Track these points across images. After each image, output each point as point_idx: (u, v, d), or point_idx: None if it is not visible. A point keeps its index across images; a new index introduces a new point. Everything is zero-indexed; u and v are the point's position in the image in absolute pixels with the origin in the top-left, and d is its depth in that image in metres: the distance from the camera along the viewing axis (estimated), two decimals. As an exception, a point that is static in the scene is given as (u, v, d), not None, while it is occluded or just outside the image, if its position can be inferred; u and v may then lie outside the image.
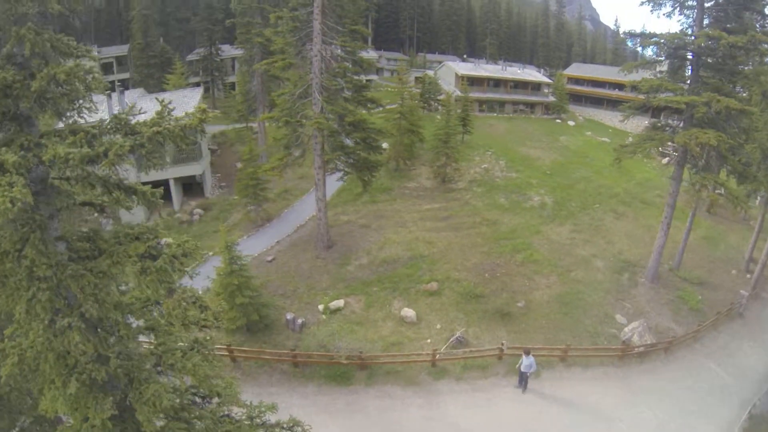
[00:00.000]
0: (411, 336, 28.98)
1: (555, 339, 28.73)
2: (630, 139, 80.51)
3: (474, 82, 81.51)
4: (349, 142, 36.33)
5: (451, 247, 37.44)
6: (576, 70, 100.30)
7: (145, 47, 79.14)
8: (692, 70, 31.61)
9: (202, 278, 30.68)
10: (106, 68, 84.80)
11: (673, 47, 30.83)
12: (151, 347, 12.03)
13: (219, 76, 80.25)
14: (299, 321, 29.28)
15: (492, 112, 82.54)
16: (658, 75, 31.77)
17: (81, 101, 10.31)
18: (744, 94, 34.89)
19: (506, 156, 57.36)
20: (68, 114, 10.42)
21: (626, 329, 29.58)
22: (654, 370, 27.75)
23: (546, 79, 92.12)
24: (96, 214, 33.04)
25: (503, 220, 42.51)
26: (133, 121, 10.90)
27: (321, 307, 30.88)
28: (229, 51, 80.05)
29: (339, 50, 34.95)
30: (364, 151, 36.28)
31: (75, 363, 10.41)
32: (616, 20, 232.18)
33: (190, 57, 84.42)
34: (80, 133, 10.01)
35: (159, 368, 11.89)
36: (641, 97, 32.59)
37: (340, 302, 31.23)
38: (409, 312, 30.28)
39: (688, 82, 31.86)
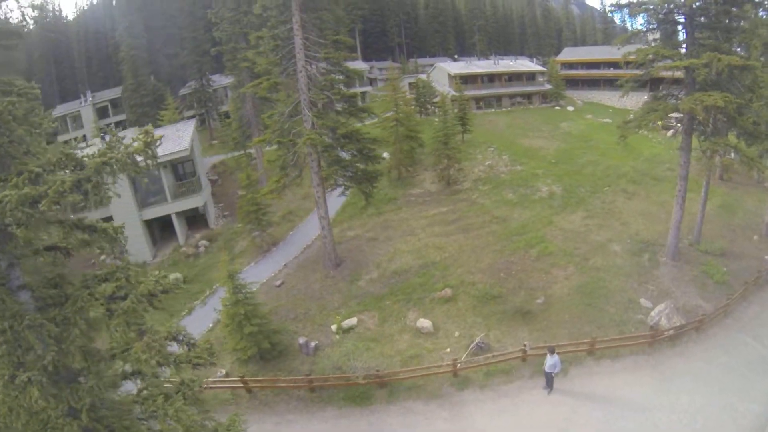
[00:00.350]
0: (429, 347, 27.79)
1: (580, 333, 27.36)
2: (632, 116, 79.87)
3: (468, 80, 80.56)
4: (345, 155, 35.37)
5: (463, 250, 36.25)
6: (568, 54, 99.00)
7: (137, 87, 79.69)
8: (687, 33, 30.31)
9: (210, 310, 30.34)
10: (102, 112, 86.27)
11: (664, 12, 29.61)
12: (134, 394, 11.15)
13: (213, 106, 79.88)
14: (312, 344, 28.19)
15: (489, 108, 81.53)
16: (652, 44, 30.43)
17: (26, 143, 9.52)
18: (742, 53, 33.40)
19: (509, 150, 56.16)
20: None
21: (653, 313, 28.20)
22: (687, 352, 26.26)
23: (539, 68, 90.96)
24: (102, 257, 30.60)
25: (513, 215, 41.26)
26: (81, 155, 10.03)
27: (334, 327, 29.80)
28: (220, 80, 79.97)
29: (324, 63, 34.03)
30: (362, 163, 35.34)
31: (48, 419, 9.65)
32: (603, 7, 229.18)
33: (183, 91, 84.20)
34: (24, 173, 9.15)
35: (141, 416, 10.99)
36: (638, 72, 31.23)
37: (353, 320, 30.20)
38: (425, 323, 29.08)
39: (684, 46, 30.57)
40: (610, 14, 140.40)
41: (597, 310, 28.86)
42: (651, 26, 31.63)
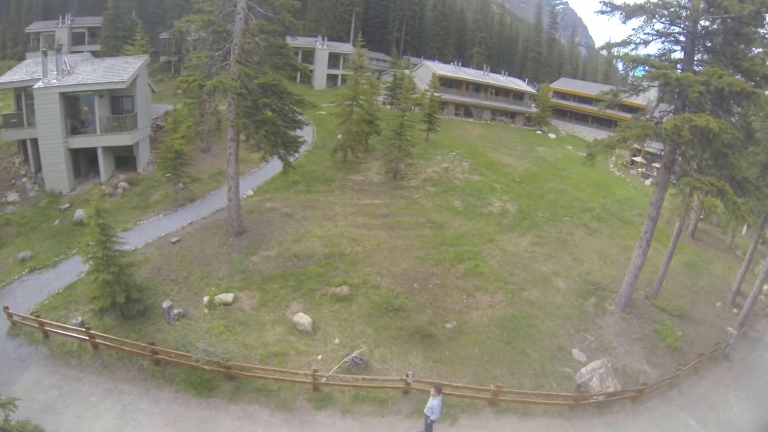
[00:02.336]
0: (300, 348, 21.95)
1: (487, 375, 21.33)
2: (613, 158, 75.21)
3: (452, 83, 74.69)
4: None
5: (380, 248, 29.98)
6: (563, 84, 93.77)
7: (114, 18, 73.69)
8: (685, 53, 24.92)
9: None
10: (79, 38, 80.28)
11: (662, 20, 24.18)
12: None
13: (186, 55, 73.00)
14: (175, 311, 23.25)
15: (469, 117, 75.50)
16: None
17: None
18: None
19: (473, 159, 50.05)
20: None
21: (584, 370, 22.20)
22: (615, 424, 20.40)
23: (529, 89, 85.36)
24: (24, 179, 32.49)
25: (452, 223, 35.08)
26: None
27: (206, 299, 24.45)
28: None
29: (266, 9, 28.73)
30: (281, 121, 29.04)
31: None
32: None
33: (163, 35, 77.73)
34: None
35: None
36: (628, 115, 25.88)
37: (229, 296, 24.71)
38: (303, 318, 23.15)
39: (680, 67, 24.79)
40: (600, 48, 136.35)
41: (516, 352, 22.82)
42: (647, 35, 25.63)
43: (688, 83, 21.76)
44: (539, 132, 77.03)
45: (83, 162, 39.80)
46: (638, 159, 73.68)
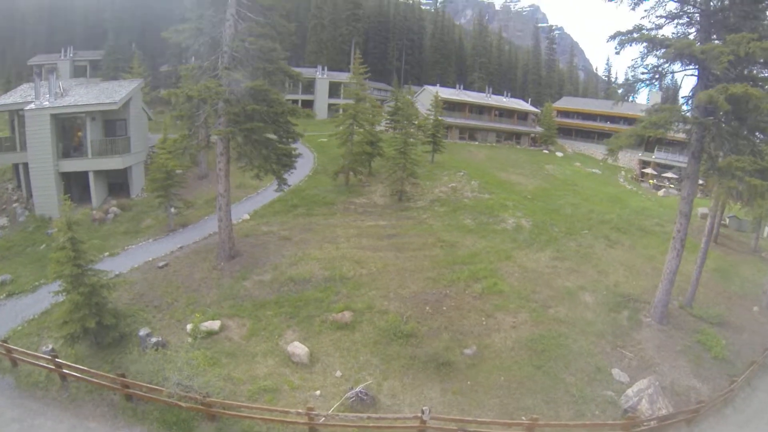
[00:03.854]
0: (295, 382, 18.49)
1: (517, 405, 17.74)
2: (623, 173, 72.06)
3: (455, 107, 72.25)
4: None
5: (386, 270, 26.68)
6: (566, 103, 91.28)
7: (114, 50, 73.55)
8: (701, 32, 21.92)
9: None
10: (81, 71, 79.38)
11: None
12: None
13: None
14: (153, 340, 20.01)
15: (473, 140, 72.73)
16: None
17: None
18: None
19: (481, 178, 47.02)
20: None
21: (630, 391, 18.54)
22: (672, 455, 16.68)
23: (533, 109, 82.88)
24: (15, 204, 33.97)
25: (464, 242, 31.76)
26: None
27: (189, 327, 21.23)
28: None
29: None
30: (272, 132, 26.39)
31: None
32: (608, 68, 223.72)
33: (163, 68, 76.61)
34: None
35: None
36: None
37: (216, 324, 21.63)
38: (299, 348, 19.76)
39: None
40: (614, 86, 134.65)
41: (549, 377, 19.21)
42: (659, 17, 22.75)
43: (715, 54, 18.73)
44: (546, 151, 74.39)
45: (75, 188, 37.85)
46: (648, 171, 70.50)
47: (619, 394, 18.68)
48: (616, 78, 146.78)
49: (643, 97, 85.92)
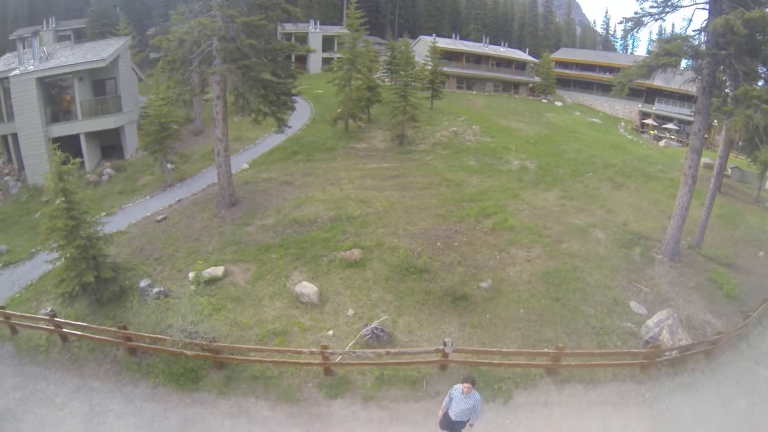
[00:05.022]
0: (306, 324, 17.33)
1: (539, 338, 16.86)
2: (623, 123, 70.78)
3: (452, 57, 70.33)
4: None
5: (393, 208, 25.60)
6: (564, 54, 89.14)
7: (99, 15, 69.78)
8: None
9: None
10: (64, 40, 74.93)
11: None
12: None
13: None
14: (154, 290, 18.62)
15: (471, 90, 70.99)
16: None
17: None
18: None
19: (482, 124, 45.63)
20: None
21: (650, 322, 17.76)
22: (694, 385, 15.96)
23: (531, 58, 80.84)
24: (6, 177, 33.68)
25: (470, 181, 30.68)
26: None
27: (191, 275, 19.95)
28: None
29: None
30: (269, 72, 24.72)
31: None
32: (606, 21, 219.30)
33: (150, 31, 73.36)
34: None
35: None
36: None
37: (219, 270, 20.11)
38: (307, 288, 18.56)
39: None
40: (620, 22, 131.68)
41: (568, 309, 18.35)
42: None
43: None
44: (545, 101, 72.90)
45: (68, 154, 35.85)
46: (649, 122, 69.27)
47: (639, 325, 17.92)
48: (615, 30, 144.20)
49: (643, 50, 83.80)
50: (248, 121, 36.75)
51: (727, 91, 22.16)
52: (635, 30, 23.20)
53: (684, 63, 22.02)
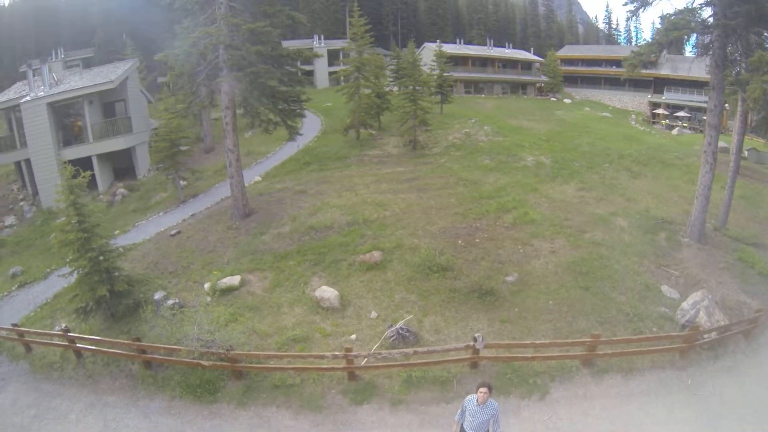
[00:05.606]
0: (327, 329, 16.71)
1: (571, 329, 16.09)
2: (633, 116, 69.75)
3: (458, 61, 69.76)
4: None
5: (411, 210, 24.99)
6: (569, 51, 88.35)
7: (105, 43, 71.10)
8: None
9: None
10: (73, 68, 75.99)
11: None
12: None
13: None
14: (169, 302, 18.15)
15: (479, 93, 70.44)
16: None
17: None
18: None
19: (493, 124, 45.02)
20: None
21: (685, 305, 16.92)
22: (736, 369, 14.99)
23: (537, 58, 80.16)
24: (21, 203, 33.68)
25: (486, 179, 29.99)
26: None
27: (207, 285, 19.49)
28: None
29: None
30: (277, 79, 24.45)
31: None
32: (608, 16, 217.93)
33: (158, 56, 73.32)
34: None
35: None
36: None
37: (235, 279, 19.61)
38: (328, 292, 17.98)
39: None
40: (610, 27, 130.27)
41: (599, 298, 17.56)
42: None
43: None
44: (553, 99, 72.17)
45: (78, 168, 36.16)
46: (660, 111, 68.25)
47: (673, 309, 17.09)
48: (617, 24, 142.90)
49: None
50: (259, 135, 36.93)
51: (741, 63, 21.37)
52: (642, 9, 22.48)
53: (693, 40, 21.56)
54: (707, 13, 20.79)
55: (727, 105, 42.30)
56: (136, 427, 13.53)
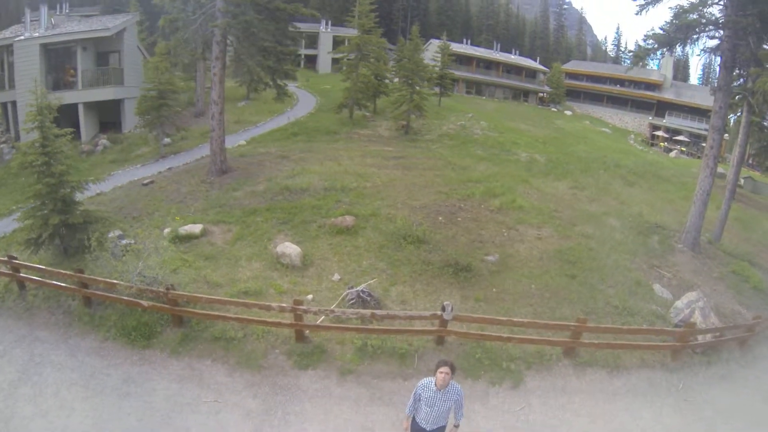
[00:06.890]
0: (283, 286, 14.79)
1: (553, 315, 14.20)
2: (632, 136, 68.36)
3: (462, 61, 68.19)
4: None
5: (393, 184, 23.15)
6: (575, 65, 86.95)
7: (111, 1, 68.10)
8: None
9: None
10: None
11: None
12: None
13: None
14: (123, 241, 16.41)
15: (480, 95, 68.77)
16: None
17: None
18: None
19: (490, 122, 43.32)
20: None
21: (679, 303, 15.21)
22: (730, 377, 13.29)
23: (541, 67, 78.62)
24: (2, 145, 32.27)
25: (477, 167, 28.20)
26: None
27: (167, 230, 17.86)
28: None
29: None
30: (271, 34, 22.69)
31: None
32: (617, 38, 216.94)
33: (161, 22, 71.75)
34: None
35: None
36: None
37: (197, 228, 17.97)
38: (289, 248, 16.10)
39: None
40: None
41: (586, 288, 15.73)
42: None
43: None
44: (554, 109, 70.60)
45: (65, 126, 34.56)
46: (660, 134, 66.94)
47: (665, 308, 15.34)
48: (626, 47, 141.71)
49: (653, 67, 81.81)
50: (252, 105, 35.23)
51: (750, 64, 19.85)
52: (651, 5, 20.90)
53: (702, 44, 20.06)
54: (718, 9, 19.36)
55: (726, 135, 41.11)
56: (60, 364, 11.82)
